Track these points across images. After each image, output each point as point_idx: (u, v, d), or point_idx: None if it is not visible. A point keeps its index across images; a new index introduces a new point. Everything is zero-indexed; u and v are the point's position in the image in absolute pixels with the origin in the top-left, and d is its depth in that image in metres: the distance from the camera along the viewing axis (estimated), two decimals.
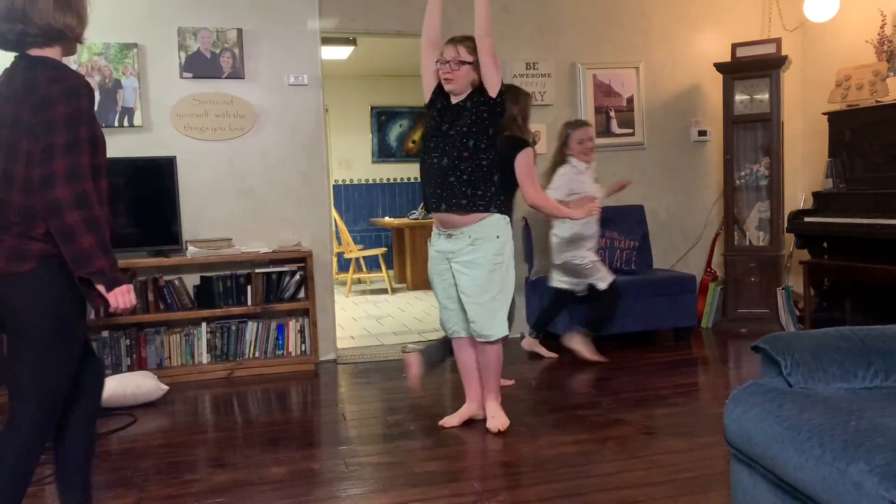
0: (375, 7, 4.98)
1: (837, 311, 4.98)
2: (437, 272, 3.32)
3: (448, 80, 3.14)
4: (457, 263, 3.21)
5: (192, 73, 4.56)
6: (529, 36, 5.32)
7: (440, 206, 3.16)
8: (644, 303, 4.86)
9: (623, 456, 2.98)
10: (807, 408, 1.83)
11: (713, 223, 5.71)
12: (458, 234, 3.18)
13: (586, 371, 4.35)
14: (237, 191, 4.72)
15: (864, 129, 4.73)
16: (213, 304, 4.50)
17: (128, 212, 4.40)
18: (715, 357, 4.77)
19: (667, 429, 3.28)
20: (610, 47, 5.49)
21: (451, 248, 3.20)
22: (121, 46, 4.44)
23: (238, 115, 4.65)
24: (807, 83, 5.71)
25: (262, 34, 4.69)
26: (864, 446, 1.59)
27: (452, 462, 3.01)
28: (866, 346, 2.03)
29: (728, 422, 2.05)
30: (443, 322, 3.41)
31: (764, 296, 5.27)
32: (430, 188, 3.18)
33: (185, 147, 4.57)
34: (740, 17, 5.69)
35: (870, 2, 5.03)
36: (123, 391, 3.84)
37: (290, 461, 3.04)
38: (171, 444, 3.31)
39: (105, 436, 3.43)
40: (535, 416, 3.56)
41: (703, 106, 5.68)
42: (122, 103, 4.45)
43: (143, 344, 4.40)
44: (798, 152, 5.77)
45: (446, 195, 3.13)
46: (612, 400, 3.73)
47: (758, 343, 2.11)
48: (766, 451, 1.86)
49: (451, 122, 3.15)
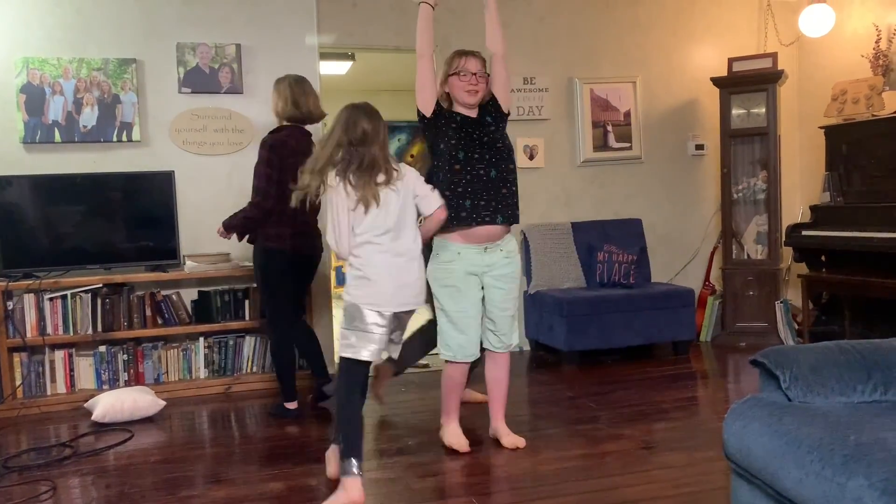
0: (373, 22, 5.01)
1: (836, 324, 4.98)
2: (462, 288, 3.14)
3: (474, 91, 3.17)
4: (490, 278, 3.19)
5: (191, 88, 4.57)
6: (526, 50, 5.35)
7: (496, 218, 3.13)
8: (643, 317, 4.86)
9: (623, 471, 2.96)
10: (806, 422, 1.83)
11: (711, 237, 5.72)
12: (493, 247, 3.18)
13: (585, 385, 4.33)
14: (236, 205, 4.68)
15: (861, 143, 4.75)
16: (211, 318, 4.49)
17: (126, 226, 4.40)
18: (714, 371, 4.76)
19: (666, 443, 3.26)
20: (607, 62, 5.52)
21: (487, 262, 3.17)
22: (120, 62, 4.45)
23: (237, 129, 4.67)
24: (803, 97, 5.74)
25: (261, 49, 4.71)
26: (863, 461, 1.58)
27: (451, 477, 3.00)
28: (865, 359, 2.03)
29: (727, 436, 2.05)
30: (466, 345, 3.18)
31: (762, 309, 5.27)
32: (480, 200, 3.10)
33: (184, 162, 4.57)
34: (736, 31, 5.72)
35: (865, 17, 5.07)
36: (121, 406, 3.83)
37: (288, 477, 3.02)
38: (168, 460, 3.29)
39: (102, 451, 3.42)
40: (534, 431, 3.54)
41: (700, 120, 5.70)
42: (120, 118, 4.46)
43: (141, 359, 4.39)
44: (795, 166, 5.79)
45: (501, 207, 3.14)
46: (612, 414, 3.72)
47: (756, 357, 2.11)
48: (765, 465, 1.85)
49: (489, 134, 3.19)
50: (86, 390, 4.26)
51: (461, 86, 3.16)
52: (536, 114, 5.35)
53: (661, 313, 4.89)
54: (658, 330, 4.89)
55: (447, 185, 3.10)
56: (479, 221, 3.11)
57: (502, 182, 3.16)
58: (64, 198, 4.30)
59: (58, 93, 4.36)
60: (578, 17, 5.46)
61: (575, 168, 5.45)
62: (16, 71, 4.30)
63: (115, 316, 4.31)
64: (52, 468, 3.20)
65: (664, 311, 4.90)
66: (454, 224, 3.09)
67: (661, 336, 4.95)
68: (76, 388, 4.29)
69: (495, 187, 3.14)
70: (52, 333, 4.23)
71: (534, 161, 5.37)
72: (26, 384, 4.20)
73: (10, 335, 4.13)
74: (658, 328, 4.89)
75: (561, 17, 5.42)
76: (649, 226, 5.55)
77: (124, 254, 4.38)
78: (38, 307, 4.20)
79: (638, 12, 5.56)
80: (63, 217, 4.31)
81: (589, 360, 4.84)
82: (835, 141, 4.95)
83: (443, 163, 3.15)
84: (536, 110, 5.34)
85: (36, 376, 4.23)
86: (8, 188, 4.20)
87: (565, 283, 5.15)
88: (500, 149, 3.20)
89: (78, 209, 4.32)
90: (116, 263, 4.36)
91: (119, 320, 4.33)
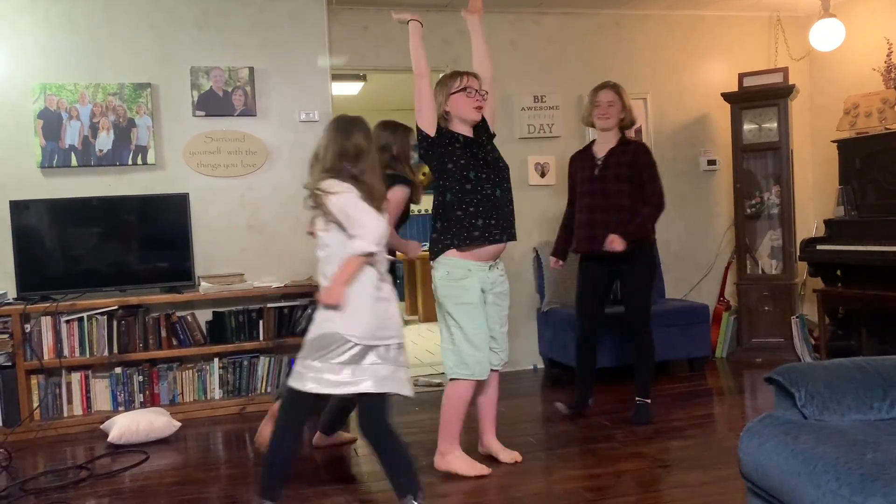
0: (384, 44, 5.06)
1: (853, 339, 4.93)
2: (479, 305, 3.14)
3: (480, 108, 3.21)
4: (493, 295, 3.23)
5: (205, 111, 4.63)
6: (536, 69, 5.38)
7: (503, 236, 3.17)
8: (657, 333, 4.76)
9: (638, 490, 2.94)
10: (822, 440, 1.81)
11: (725, 252, 5.69)
12: (494, 265, 3.22)
13: (599, 403, 4.30)
14: (249, 226, 4.76)
15: (874, 157, 4.72)
16: (226, 339, 4.50)
17: (141, 248, 4.44)
18: (730, 388, 4.72)
19: (682, 462, 3.23)
20: (617, 79, 5.46)
21: (491, 279, 3.20)
22: (135, 86, 4.52)
23: (250, 151, 4.71)
24: (815, 111, 5.72)
25: (274, 72, 4.76)
26: (880, 480, 1.57)
27: (465, 498, 2.98)
28: (882, 376, 2.01)
29: (743, 455, 2.03)
30: (483, 361, 3.16)
31: (778, 325, 5.23)
32: (490, 219, 3.12)
33: (198, 184, 4.62)
34: (747, 47, 5.73)
35: (875, 30, 5.06)
36: (136, 428, 3.84)
37: (303, 498, 3.02)
38: (183, 482, 3.30)
39: (117, 473, 3.43)
40: (548, 450, 3.52)
41: (711, 135, 5.70)
42: (135, 142, 4.52)
43: (156, 380, 4.41)
44: (808, 180, 5.76)
45: (507, 225, 3.19)
46: (627, 432, 3.69)
47: (771, 374, 2.09)
48: (781, 485, 1.84)
49: (490, 153, 3.23)
50: (102, 412, 4.29)
51: (469, 102, 3.18)
52: (547, 131, 5.36)
53: (676, 330, 4.86)
54: (673, 347, 4.86)
55: (458, 205, 3.11)
56: (491, 240, 3.12)
57: (506, 201, 3.20)
58: (80, 221, 4.35)
59: (74, 117, 4.43)
60: (588, 36, 5.49)
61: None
62: (33, 97, 4.37)
63: (130, 337, 4.34)
64: (69, 491, 3.21)
65: (679, 327, 4.87)
66: (467, 243, 3.10)
67: (676, 353, 4.91)
68: (92, 409, 4.32)
69: (501, 206, 3.17)
70: (68, 356, 4.26)
71: (545, 178, 5.38)
72: (43, 406, 4.23)
73: (28, 358, 4.17)
74: (673, 345, 4.85)
75: (570, 36, 5.45)
76: (663, 242, 5.50)
77: (139, 275, 4.41)
78: (55, 329, 4.24)
79: (647, 29, 5.58)
80: (79, 240, 4.36)
81: (603, 377, 4.80)
82: (848, 155, 4.93)
83: (452, 182, 3.14)
84: (547, 128, 5.36)
85: (53, 398, 4.26)
86: (25, 212, 4.25)
87: None
88: (502, 168, 3.24)
89: (94, 232, 4.37)
90: (132, 285, 4.40)
91: (135, 342, 4.36)
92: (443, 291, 3.14)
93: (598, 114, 3.88)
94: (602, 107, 3.86)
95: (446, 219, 3.14)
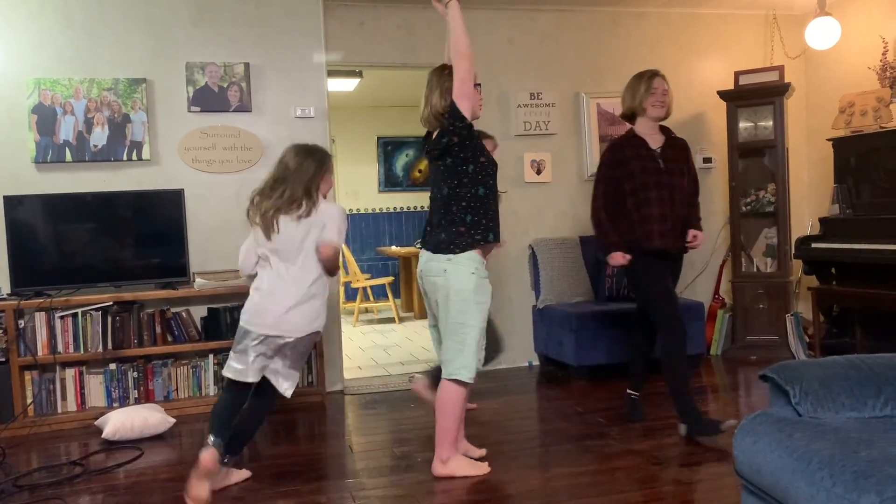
0: (380, 40, 5.05)
1: (848, 337, 4.95)
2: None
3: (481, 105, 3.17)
4: None
5: (200, 107, 4.61)
6: (533, 66, 5.37)
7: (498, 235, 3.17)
8: None
9: (633, 487, 2.94)
10: (816, 438, 1.81)
11: (720, 250, 5.70)
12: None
13: (594, 401, 4.31)
14: (244, 223, 4.71)
15: (870, 155, 4.73)
16: (221, 335, 4.49)
17: (136, 244, 4.43)
18: (725, 385, 4.73)
19: (677, 459, 3.24)
20: (613, 76, 5.52)
21: None
22: (130, 81, 4.50)
23: (245, 147, 4.70)
24: (811, 109, 5.73)
25: (269, 68, 4.75)
26: (874, 477, 1.57)
27: (461, 494, 2.98)
28: (876, 374, 2.02)
29: (737, 452, 2.03)
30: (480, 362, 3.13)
31: (773, 322, 5.24)
32: (496, 218, 3.12)
33: (193, 180, 4.61)
34: (742, 45, 5.73)
35: (871, 29, 5.07)
36: (130, 424, 3.84)
37: (298, 494, 3.02)
38: (178, 478, 3.28)
39: (112, 469, 3.42)
40: (543, 447, 3.53)
41: (707, 133, 5.70)
42: (130, 137, 4.50)
43: (151, 376, 4.40)
44: (804, 178, 5.77)
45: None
46: (621, 430, 3.70)
47: (766, 372, 2.10)
48: (776, 482, 1.84)
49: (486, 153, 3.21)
50: (96, 408, 4.28)
51: (478, 99, 3.12)
52: (543, 129, 5.36)
53: None
54: None
55: (492, 200, 3.09)
56: (497, 239, 3.12)
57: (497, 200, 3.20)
58: (75, 216, 4.34)
59: (69, 113, 4.41)
60: (584, 33, 5.49)
61: (582, 182, 5.45)
62: (28, 92, 4.35)
63: (125, 333, 4.33)
64: (63, 487, 3.21)
65: None
66: (490, 241, 3.06)
67: None
68: (87, 405, 4.31)
69: (497, 206, 3.17)
70: (62, 351, 4.25)
71: (541, 176, 5.38)
72: (37, 402, 4.22)
73: (22, 354, 4.16)
74: None
75: (567, 33, 5.45)
76: None
77: (134, 271, 4.40)
78: (49, 325, 4.22)
79: (644, 27, 5.58)
80: (74, 235, 4.34)
81: (598, 374, 4.81)
82: (843, 153, 4.94)
83: (485, 177, 3.06)
84: (543, 125, 5.36)
85: (47, 394, 4.25)
86: (20, 207, 4.24)
87: (574, 298, 5.14)
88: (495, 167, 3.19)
89: (88, 228, 4.36)
90: (126, 281, 4.39)
91: (129, 338, 4.34)
92: (472, 288, 2.98)
93: (653, 101, 3.60)
94: (658, 94, 3.60)
95: (477, 213, 3.02)
